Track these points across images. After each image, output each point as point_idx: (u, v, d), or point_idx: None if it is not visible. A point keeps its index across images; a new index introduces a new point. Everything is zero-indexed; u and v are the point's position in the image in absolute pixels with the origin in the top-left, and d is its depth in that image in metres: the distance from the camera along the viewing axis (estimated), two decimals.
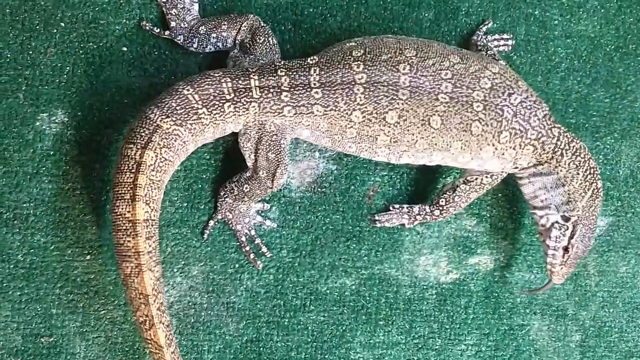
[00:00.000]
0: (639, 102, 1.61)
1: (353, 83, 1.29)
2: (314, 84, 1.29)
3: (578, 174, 1.38)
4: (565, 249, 1.42)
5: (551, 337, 1.57)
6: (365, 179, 1.49)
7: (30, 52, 1.35)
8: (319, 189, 1.47)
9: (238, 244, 1.42)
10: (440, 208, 1.44)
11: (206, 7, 1.42)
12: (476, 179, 1.41)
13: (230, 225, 1.41)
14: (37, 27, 1.35)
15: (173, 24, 1.38)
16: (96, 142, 1.36)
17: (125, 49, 1.38)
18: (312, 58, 1.31)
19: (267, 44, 1.35)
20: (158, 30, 1.38)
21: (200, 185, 1.42)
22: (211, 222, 1.41)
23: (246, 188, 1.35)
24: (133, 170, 1.22)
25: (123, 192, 1.22)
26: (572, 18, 1.58)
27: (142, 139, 1.23)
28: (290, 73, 1.29)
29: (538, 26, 1.56)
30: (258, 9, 1.44)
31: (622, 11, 1.61)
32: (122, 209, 1.22)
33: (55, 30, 1.36)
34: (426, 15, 1.52)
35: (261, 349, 1.44)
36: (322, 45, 1.45)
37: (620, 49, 1.61)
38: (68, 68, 1.36)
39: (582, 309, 1.59)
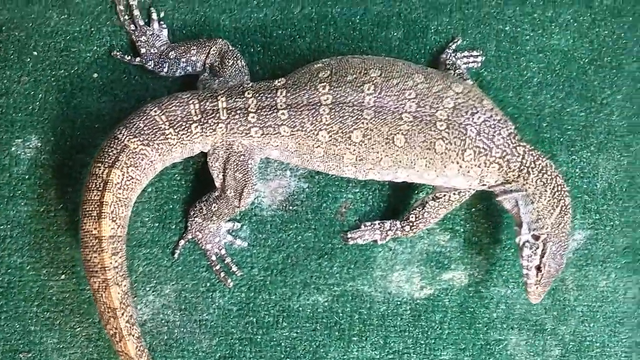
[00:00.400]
0: (615, 115, 1.61)
1: (319, 104, 1.31)
2: (281, 106, 1.32)
3: (545, 191, 1.38)
4: (538, 268, 1.42)
5: (529, 352, 1.57)
6: (337, 196, 1.51)
7: (5, 81, 1.41)
8: (291, 207, 1.49)
9: (209, 263, 1.46)
10: (411, 224, 1.45)
11: (175, 32, 1.46)
12: (444, 195, 1.43)
13: (200, 245, 1.44)
14: (12, 57, 1.41)
15: (143, 50, 1.42)
16: (69, 166, 1.41)
17: (95, 75, 1.43)
18: (279, 80, 1.35)
19: (236, 66, 1.39)
20: (129, 57, 1.43)
21: (170, 206, 1.46)
22: (182, 242, 1.44)
23: (214, 207, 1.39)
24: (100, 188, 1.27)
25: (90, 209, 1.27)
26: (544, 33, 1.59)
27: (109, 158, 1.28)
28: (258, 95, 1.33)
29: (509, 42, 1.57)
30: (227, 32, 1.48)
31: (596, 24, 1.61)
32: (89, 225, 1.27)
33: (28, 60, 1.41)
34: (395, 34, 1.54)
35: None
36: (291, 66, 1.48)
37: (594, 62, 1.60)
38: (41, 95, 1.41)
39: (561, 323, 1.58)
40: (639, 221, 1.61)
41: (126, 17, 1.43)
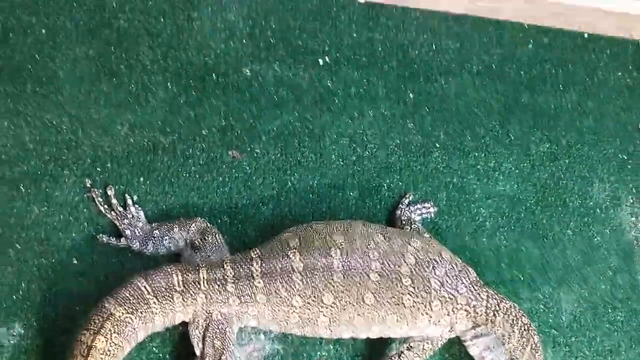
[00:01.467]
0: (568, 250, 1.71)
1: (292, 271, 1.41)
2: (256, 275, 1.41)
3: (514, 331, 1.46)
4: None
5: None
6: (312, 354, 1.55)
7: None
8: None
9: None
10: None
11: (147, 213, 1.58)
12: (418, 345, 1.49)
13: None
14: None
15: (128, 232, 1.53)
16: (49, 349, 1.47)
17: (75, 261, 1.52)
18: (254, 251, 1.45)
19: (216, 242, 1.50)
20: (114, 240, 1.54)
21: None
22: None
23: None
24: (84, 354, 1.32)
25: None
26: (489, 181, 1.72)
27: (95, 325, 1.34)
28: (235, 266, 1.42)
29: (458, 191, 1.70)
30: (196, 207, 1.60)
31: (535, 169, 1.75)
32: None
33: (11, 252, 1.51)
34: (351, 194, 1.67)
35: None
36: (256, 231, 1.59)
37: (540, 203, 1.73)
38: (23, 284, 1.49)
39: None
40: (608, 349, 1.66)
41: (105, 206, 1.56)
